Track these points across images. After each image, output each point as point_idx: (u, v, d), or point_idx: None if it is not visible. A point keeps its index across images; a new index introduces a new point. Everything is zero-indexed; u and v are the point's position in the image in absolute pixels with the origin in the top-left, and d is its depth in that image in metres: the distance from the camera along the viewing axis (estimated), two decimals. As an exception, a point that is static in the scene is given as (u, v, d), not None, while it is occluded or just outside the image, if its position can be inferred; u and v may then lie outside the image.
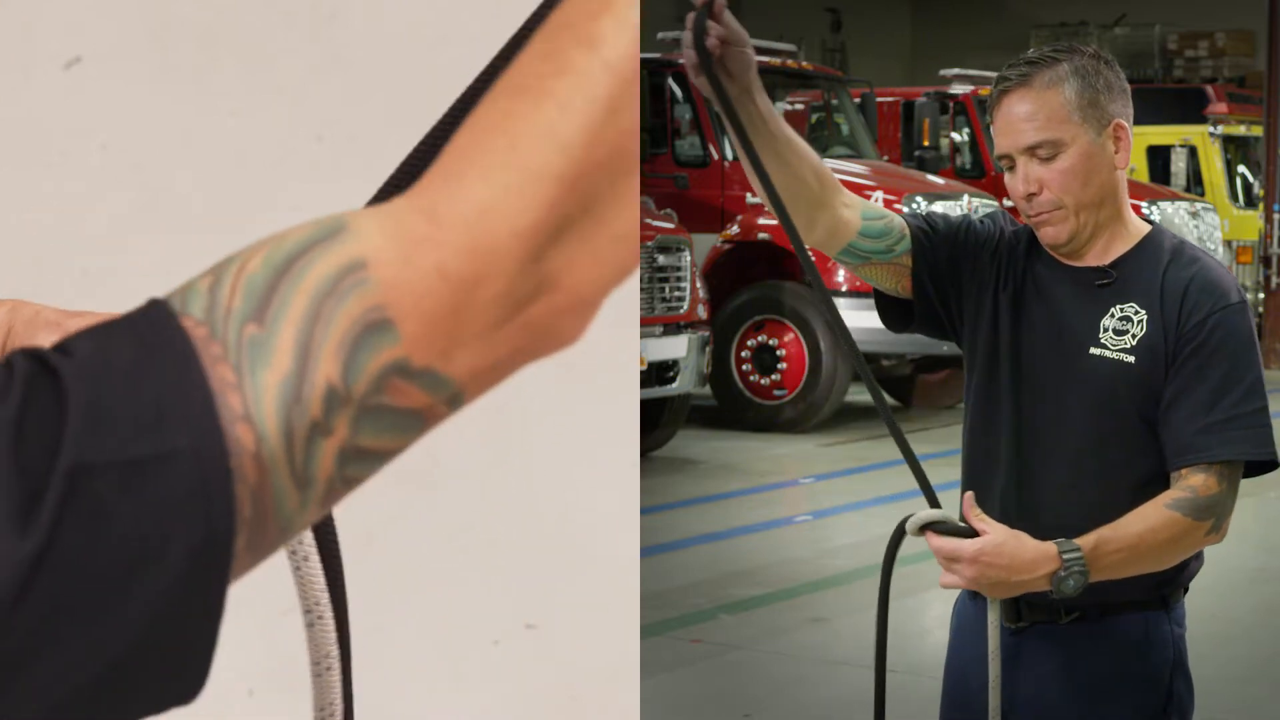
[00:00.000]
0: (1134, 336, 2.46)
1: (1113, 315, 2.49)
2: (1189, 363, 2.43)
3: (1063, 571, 2.30)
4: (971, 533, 2.31)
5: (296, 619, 1.12)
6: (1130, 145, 2.52)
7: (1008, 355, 2.56)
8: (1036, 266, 2.57)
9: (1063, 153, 2.46)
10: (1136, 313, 2.47)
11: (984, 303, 2.57)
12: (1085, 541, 2.32)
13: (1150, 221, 2.59)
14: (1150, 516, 2.37)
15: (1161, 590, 2.53)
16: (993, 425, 2.57)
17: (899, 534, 2.35)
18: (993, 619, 2.41)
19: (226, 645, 1.16)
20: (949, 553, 2.30)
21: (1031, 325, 2.55)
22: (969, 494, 2.36)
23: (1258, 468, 2.47)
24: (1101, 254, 2.53)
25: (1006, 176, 2.52)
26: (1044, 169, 2.46)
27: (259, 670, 2.20)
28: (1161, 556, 2.40)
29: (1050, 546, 2.30)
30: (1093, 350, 2.48)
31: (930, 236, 2.58)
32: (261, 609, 2.19)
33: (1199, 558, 2.56)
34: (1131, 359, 2.45)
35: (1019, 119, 2.47)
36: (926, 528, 2.32)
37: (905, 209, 2.53)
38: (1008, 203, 8.25)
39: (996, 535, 2.29)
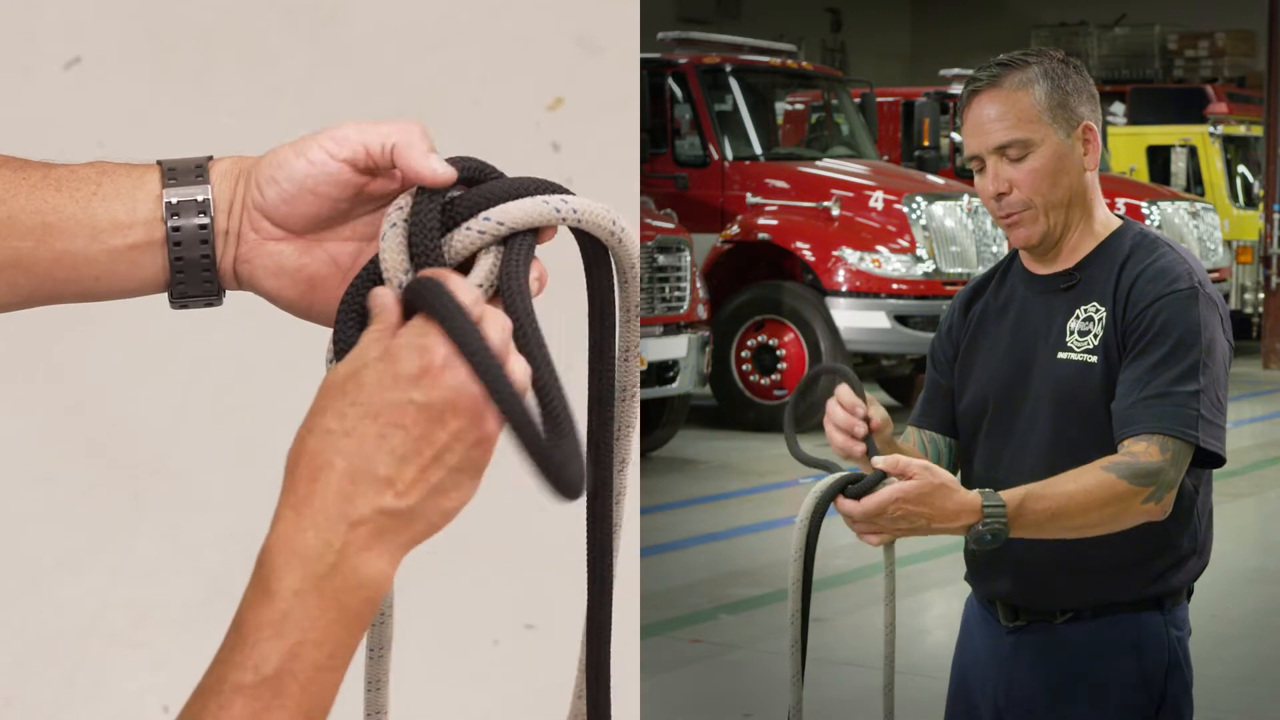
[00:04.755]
0: (1095, 336, 2.48)
1: (1077, 317, 2.51)
2: (1135, 348, 2.44)
3: (980, 525, 2.28)
4: (878, 475, 2.28)
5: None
6: (1099, 148, 2.54)
7: (976, 380, 2.61)
8: (1003, 289, 2.63)
9: (1032, 153, 2.48)
10: (1097, 311, 2.49)
11: (959, 355, 2.66)
12: (1013, 496, 2.31)
13: (1121, 218, 2.59)
14: (1084, 476, 2.36)
15: (1155, 590, 2.52)
16: (973, 451, 2.63)
17: (820, 510, 2.30)
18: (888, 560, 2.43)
19: (226, 645, 1.16)
20: (876, 509, 2.27)
21: (995, 344, 2.59)
22: (885, 458, 2.34)
23: (1211, 460, 2.46)
24: (1070, 255, 2.55)
25: (977, 179, 2.54)
26: (1013, 169, 2.48)
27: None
28: (1093, 517, 2.36)
29: (975, 499, 2.29)
30: (1059, 355, 2.50)
31: (934, 404, 2.70)
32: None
33: (1200, 558, 2.56)
34: (1094, 359, 2.47)
35: (989, 119, 2.49)
36: (839, 494, 2.28)
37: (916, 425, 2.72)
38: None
39: (921, 482, 2.26)
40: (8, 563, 2.25)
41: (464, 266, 1.04)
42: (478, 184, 1.06)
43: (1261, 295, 16.57)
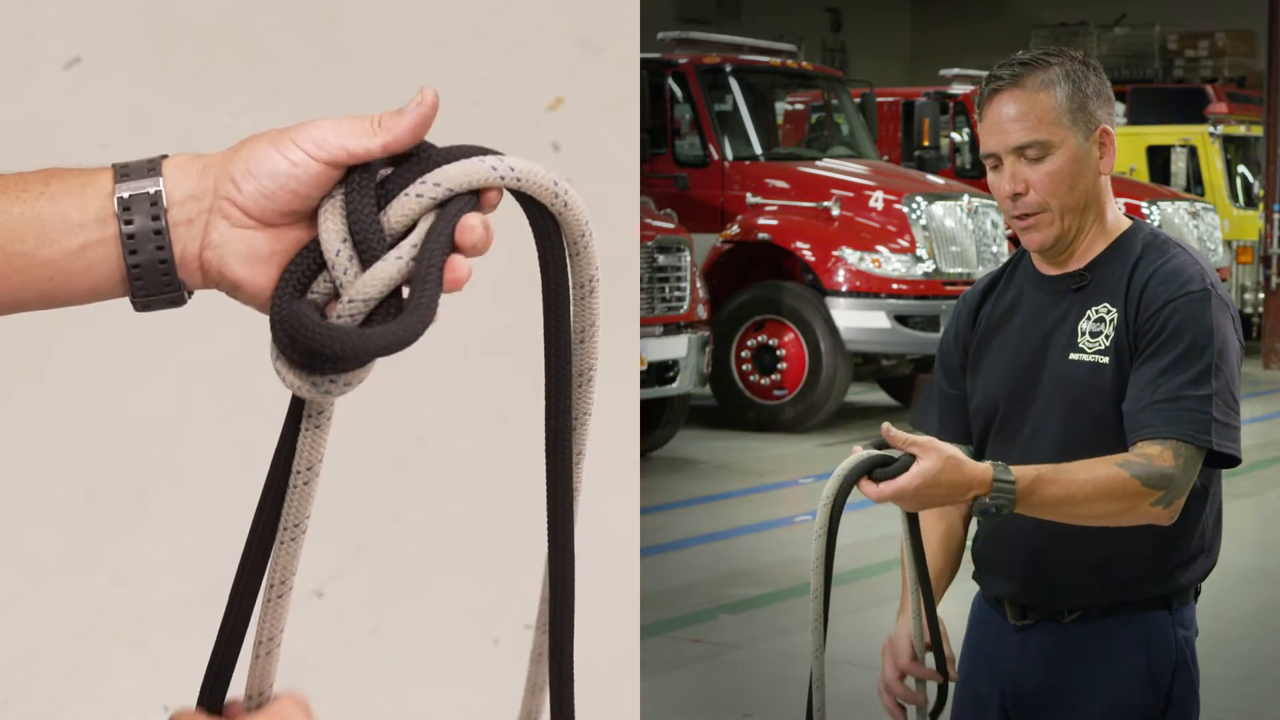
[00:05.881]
0: (1107, 337, 2.47)
1: (1088, 318, 2.50)
2: (1147, 349, 2.43)
3: (987, 499, 2.27)
4: (907, 460, 2.25)
5: (298, 618, 1.11)
6: (1115, 151, 2.52)
7: (986, 382, 2.61)
8: (1010, 289, 2.62)
9: (1051, 155, 2.46)
10: (1109, 312, 2.48)
11: (966, 360, 2.66)
12: (1025, 474, 2.29)
13: (1131, 218, 2.58)
14: (1097, 468, 2.35)
15: (1163, 589, 2.53)
16: (984, 453, 2.62)
17: (844, 493, 2.27)
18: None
19: (226, 645, 1.16)
20: (893, 496, 2.25)
21: (1004, 345, 2.58)
22: (885, 424, 2.32)
23: (1223, 460, 2.45)
24: (1082, 256, 2.54)
25: (991, 176, 2.52)
26: (1031, 170, 2.47)
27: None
28: (1098, 509, 2.35)
29: (986, 472, 2.27)
30: (1071, 355, 2.49)
31: (948, 414, 2.68)
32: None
33: (1208, 557, 2.56)
34: (1106, 360, 2.46)
35: (1009, 119, 2.47)
36: (864, 476, 2.27)
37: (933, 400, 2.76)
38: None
39: (933, 462, 2.24)
40: (8, 563, 2.25)
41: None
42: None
43: (1261, 295, 16.57)
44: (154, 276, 1.05)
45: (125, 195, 1.05)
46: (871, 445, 2.29)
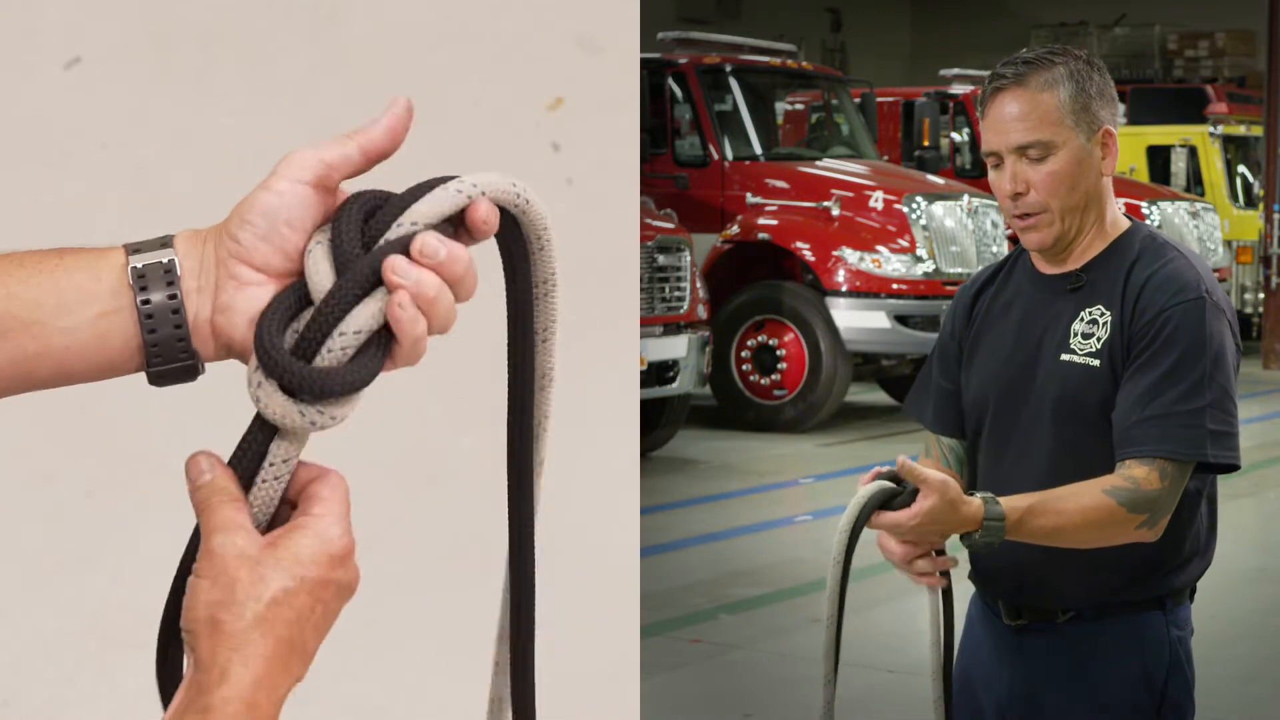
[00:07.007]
0: (1099, 340, 2.46)
1: (1082, 319, 2.49)
2: (1139, 357, 2.43)
3: (977, 535, 2.33)
4: (913, 493, 2.33)
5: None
6: (1117, 152, 2.52)
7: (979, 378, 2.61)
8: (1009, 286, 2.62)
9: (1053, 155, 2.45)
10: (1102, 314, 2.47)
11: (963, 354, 2.67)
12: (1014, 508, 2.33)
13: (1130, 219, 2.58)
14: (1085, 496, 2.37)
15: (1158, 590, 2.53)
16: (978, 448, 2.63)
17: (860, 523, 2.34)
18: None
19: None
20: (889, 526, 2.34)
21: (999, 342, 2.58)
22: (901, 458, 2.36)
23: (1224, 468, 2.46)
24: (1080, 256, 2.54)
25: (991, 174, 2.51)
26: (1032, 170, 2.46)
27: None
28: (1087, 536, 2.39)
29: (977, 511, 2.32)
30: (1063, 356, 2.49)
31: (945, 408, 2.69)
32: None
33: (1203, 559, 2.56)
34: (1096, 362, 2.46)
35: (1011, 118, 2.46)
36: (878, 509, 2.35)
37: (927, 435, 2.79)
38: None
39: (931, 502, 2.30)
40: (8, 563, 2.25)
41: None
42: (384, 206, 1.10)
43: (1261, 295, 16.57)
44: (170, 344, 1.07)
45: (139, 266, 1.07)
46: (885, 471, 2.35)
